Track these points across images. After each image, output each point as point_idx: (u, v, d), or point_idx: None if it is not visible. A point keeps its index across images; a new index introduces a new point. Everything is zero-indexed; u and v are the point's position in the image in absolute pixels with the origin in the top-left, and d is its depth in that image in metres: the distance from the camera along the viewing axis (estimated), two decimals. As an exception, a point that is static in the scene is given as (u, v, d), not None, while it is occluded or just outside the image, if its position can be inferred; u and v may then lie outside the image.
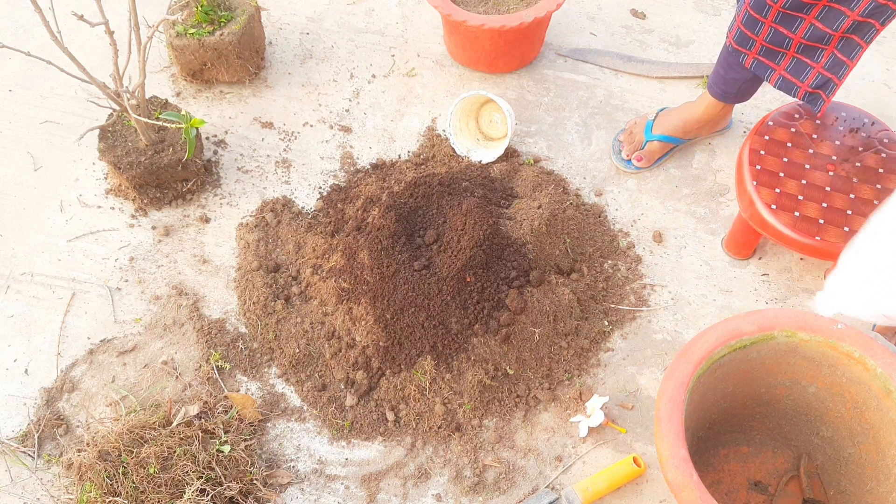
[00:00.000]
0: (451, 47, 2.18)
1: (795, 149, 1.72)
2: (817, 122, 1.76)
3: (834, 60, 1.56)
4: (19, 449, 1.53)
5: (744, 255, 1.83)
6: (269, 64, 2.18)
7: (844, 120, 1.78)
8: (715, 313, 1.75)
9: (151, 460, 1.38)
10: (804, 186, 1.66)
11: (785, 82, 1.64)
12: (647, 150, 1.95)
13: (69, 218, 1.86)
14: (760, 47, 1.62)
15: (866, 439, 1.34)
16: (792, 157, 1.71)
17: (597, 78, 2.17)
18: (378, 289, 1.61)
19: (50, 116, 2.05)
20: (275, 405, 1.61)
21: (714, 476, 1.49)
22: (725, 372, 1.36)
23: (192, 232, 1.85)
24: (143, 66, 1.69)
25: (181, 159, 1.80)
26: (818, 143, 1.74)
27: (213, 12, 1.99)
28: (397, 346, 1.60)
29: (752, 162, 1.69)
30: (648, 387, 1.64)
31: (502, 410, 1.60)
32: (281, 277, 1.75)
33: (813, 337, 1.31)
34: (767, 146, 1.72)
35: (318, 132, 2.05)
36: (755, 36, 1.61)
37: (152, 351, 1.67)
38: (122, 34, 1.89)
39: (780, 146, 1.72)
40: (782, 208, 1.63)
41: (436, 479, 1.52)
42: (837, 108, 1.80)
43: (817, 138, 1.74)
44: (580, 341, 1.67)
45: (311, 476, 1.52)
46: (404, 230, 1.70)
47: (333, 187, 1.93)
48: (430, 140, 2.03)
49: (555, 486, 1.52)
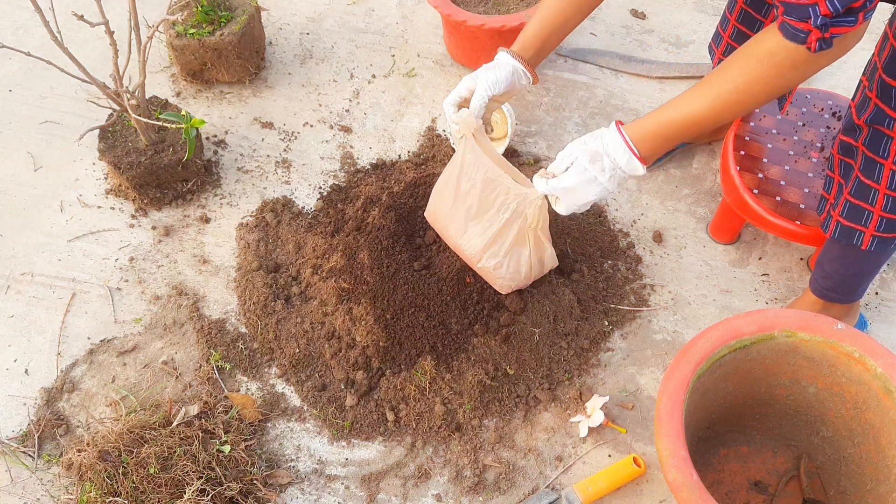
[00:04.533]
0: (451, 47, 2.18)
1: (780, 136, 1.76)
2: (803, 111, 1.80)
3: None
4: (19, 449, 1.53)
5: (727, 239, 1.85)
6: (269, 64, 2.18)
7: (830, 108, 1.81)
8: (715, 313, 1.75)
9: (151, 460, 1.38)
10: (787, 172, 1.69)
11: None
12: None
13: (69, 218, 1.86)
14: (727, 45, 1.63)
15: (866, 439, 1.34)
16: (776, 144, 1.74)
17: (597, 78, 2.17)
18: (378, 289, 1.61)
19: (50, 116, 2.05)
20: (275, 405, 1.61)
21: (714, 476, 1.49)
22: (725, 372, 1.36)
23: (192, 232, 1.85)
24: (143, 66, 1.69)
25: (181, 159, 1.80)
26: (803, 131, 1.77)
27: (213, 12, 1.99)
28: (397, 346, 1.60)
29: (737, 147, 1.73)
30: (648, 387, 1.64)
31: (502, 410, 1.60)
32: (281, 277, 1.75)
33: (813, 337, 1.31)
34: (752, 132, 1.75)
35: (318, 132, 2.05)
36: (724, 33, 1.62)
37: (152, 351, 1.67)
38: (122, 34, 1.89)
39: (765, 133, 1.76)
40: (764, 193, 1.65)
41: (436, 480, 1.52)
42: (824, 96, 1.83)
43: (803, 126, 1.78)
44: (580, 341, 1.67)
45: (311, 476, 1.52)
46: (404, 230, 1.70)
47: (333, 187, 1.93)
48: (430, 140, 2.03)
49: (555, 486, 1.52)
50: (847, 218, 1.40)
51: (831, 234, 1.45)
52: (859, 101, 1.34)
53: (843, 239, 1.43)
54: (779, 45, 1.08)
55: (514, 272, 1.53)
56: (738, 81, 1.14)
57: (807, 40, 1.04)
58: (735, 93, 1.15)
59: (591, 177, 1.30)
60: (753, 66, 1.12)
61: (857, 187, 1.36)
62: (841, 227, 1.42)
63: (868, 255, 1.47)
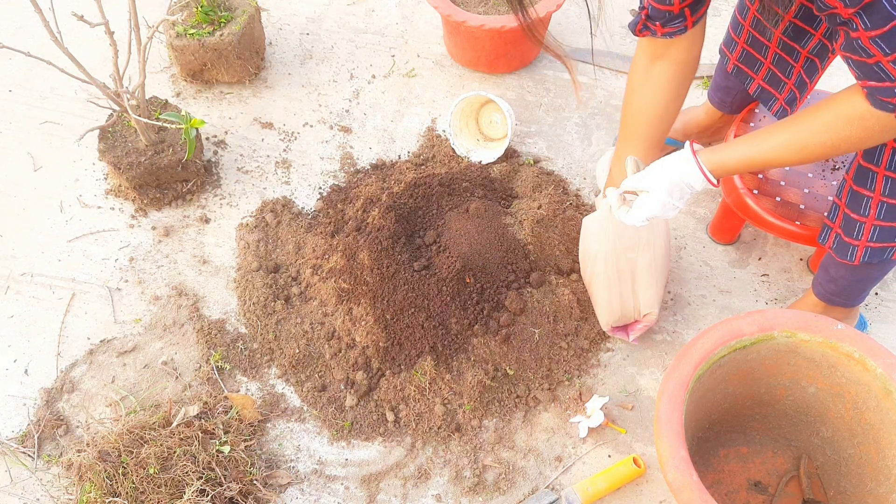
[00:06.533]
0: (451, 48, 2.18)
1: None
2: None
3: (800, 80, 1.57)
4: (19, 449, 1.53)
5: (727, 239, 1.85)
6: (269, 64, 2.18)
7: None
8: (715, 314, 1.75)
9: (151, 461, 1.38)
10: (787, 172, 1.69)
11: (763, 92, 1.64)
12: None
13: (69, 218, 1.86)
14: (742, 51, 1.62)
15: (866, 439, 1.34)
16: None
17: (597, 78, 2.17)
18: (378, 289, 1.61)
19: (50, 116, 2.05)
20: (275, 405, 1.61)
21: (714, 476, 1.49)
22: (725, 372, 1.36)
23: (192, 232, 1.85)
24: (143, 66, 1.69)
25: (181, 160, 1.80)
26: None
27: (213, 13, 1.99)
28: (397, 346, 1.60)
29: None
30: (648, 387, 1.64)
31: (502, 411, 1.59)
32: (281, 278, 1.75)
33: (813, 337, 1.31)
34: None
35: (318, 132, 2.05)
36: (738, 38, 1.61)
37: (152, 351, 1.67)
38: (122, 34, 1.89)
39: None
40: (764, 193, 1.65)
41: (436, 480, 1.52)
42: (824, 97, 1.81)
43: None
44: (580, 342, 1.67)
45: (310, 476, 1.52)
46: (404, 231, 1.70)
47: (333, 188, 1.93)
48: (430, 140, 2.03)
49: (555, 487, 1.52)
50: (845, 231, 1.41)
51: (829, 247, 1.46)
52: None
53: (839, 254, 1.44)
54: (869, 112, 1.11)
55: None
56: (826, 137, 1.18)
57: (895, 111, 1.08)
58: (822, 147, 1.19)
59: (671, 205, 1.35)
60: (843, 126, 1.16)
61: (851, 198, 1.37)
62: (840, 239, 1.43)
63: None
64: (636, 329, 1.64)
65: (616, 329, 1.66)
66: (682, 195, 1.33)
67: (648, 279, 1.58)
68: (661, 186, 1.32)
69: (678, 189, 1.32)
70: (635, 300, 1.60)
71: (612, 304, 1.60)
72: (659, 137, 1.52)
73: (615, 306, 1.60)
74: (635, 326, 1.64)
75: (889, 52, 1.00)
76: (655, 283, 1.59)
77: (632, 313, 1.62)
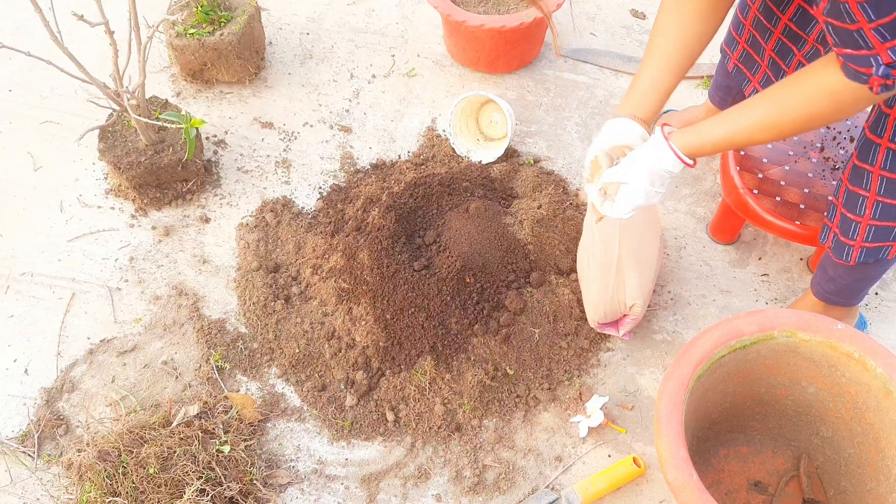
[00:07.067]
0: (451, 47, 2.18)
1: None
2: None
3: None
4: (19, 449, 1.53)
5: (727, 239, 1.85)
6: (269, 64, 2.18)
7: None
8: (715, 313, 1.75)
9: (151, 460, 1.38)
10: (787, 172, 1.68)
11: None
12: None
13: (69, 218, 1.86)
14: (742, 51, 1.62)
15: (866, 439, 1.34)
16: (776, 144, 1.73)
17: (597, 78, 2.17)
18: (378, 289, 1.61)
19: (50, 116, 2.05)
20: (275, 405, 1.61)
21: (714, 476, 1.49)
22: (725, 372, 1.36)
23: (192, 232, 1.85)
24: (143, 66, 1.69)
25: (181, 159, 1.80)
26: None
27: (213, 12, 1.99)
28: (397, 346, 1.60)
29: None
30: (648, 387, 1.64)
31: (502, 410, 1.59)
32: (281, 278, 1.75)
33: (813, 337, 1.31)
34: None
35: (318, 132, 2.05)
36: (739, 38, 1.61)
37: (152, 351, 1.67)
38: (122, 34, 1.89)
39: None
40: (764, 193, 1.65)
41: (436, 480, 1.52)
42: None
43: None
44: (580, 341, 1.67)
45: (310, 476, 1.52)
46: (404, 230, 1.70)
47: (333, 187, 1.93)
48: (430, 140, 2.03)
49: (555, 486, 1.52)
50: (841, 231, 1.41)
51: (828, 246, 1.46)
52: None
53: (835, 254, 1.43)
54: (842, 84, 1.09)
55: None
56: (798, 114, 1.17)
57: (869, 82, 1.06)
58: (793, 123, 1.18)
59: (653, 193, 1.33)
60: (814, 102, 1.14)
61: (847, 197, 1.37)
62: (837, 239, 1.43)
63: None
64: (625, 323, 1.64)
65: (605, 325, 1.65)
66: (662, 182, 1.32)
67: (630, 270, 1.57)
68: (640, 178, 1.31)
69: (658, 177, 1.31)
70: (621, 293, 1.59)
71: (598, 299, 1.59)
72: (683, 65, 1.42)
73: (600, 302, 1.60)
74: (624, 321, 1.64)
75: (874, 19, 0.98)
76: (639, 274, 1.58)
77: (618, 307, 1.61)
